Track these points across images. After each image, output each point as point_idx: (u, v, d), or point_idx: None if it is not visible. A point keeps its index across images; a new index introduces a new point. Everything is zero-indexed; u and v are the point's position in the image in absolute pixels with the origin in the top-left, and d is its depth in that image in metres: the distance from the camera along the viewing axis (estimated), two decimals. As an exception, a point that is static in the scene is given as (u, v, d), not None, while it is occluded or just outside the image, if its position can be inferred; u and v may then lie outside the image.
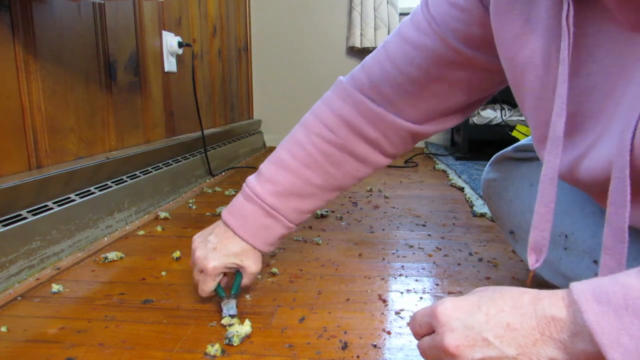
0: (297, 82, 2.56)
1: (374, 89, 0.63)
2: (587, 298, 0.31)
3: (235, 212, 0.67)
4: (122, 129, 1.20)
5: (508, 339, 0.34)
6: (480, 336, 0.34)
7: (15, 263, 0.76)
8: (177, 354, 0.55)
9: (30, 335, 0.60)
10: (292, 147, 0.67)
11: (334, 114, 0.65)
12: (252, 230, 0.66)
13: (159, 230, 1.05)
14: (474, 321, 0.35)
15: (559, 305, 0.33)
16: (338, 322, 0.62)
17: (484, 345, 0.34)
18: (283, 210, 0.66)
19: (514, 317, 0.34)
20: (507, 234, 0.73)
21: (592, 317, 0.30)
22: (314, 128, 0.66)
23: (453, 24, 0.55)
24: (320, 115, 0.67)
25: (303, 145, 0.66)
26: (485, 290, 0.38)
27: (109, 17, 1.13)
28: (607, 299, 0.30)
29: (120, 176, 1.12)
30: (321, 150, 0.66)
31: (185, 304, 0.68)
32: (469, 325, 0.35)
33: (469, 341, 0.35)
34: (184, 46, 1.52)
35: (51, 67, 0.94)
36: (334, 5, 2.46)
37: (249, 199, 0.67)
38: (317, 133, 0.66)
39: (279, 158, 0.67)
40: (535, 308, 0.34)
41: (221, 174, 1.75)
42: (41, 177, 0.84)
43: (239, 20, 2.32)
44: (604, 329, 0.30)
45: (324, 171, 0.67)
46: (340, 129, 0.65)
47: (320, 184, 0.67)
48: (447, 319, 0.36)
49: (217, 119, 1.99)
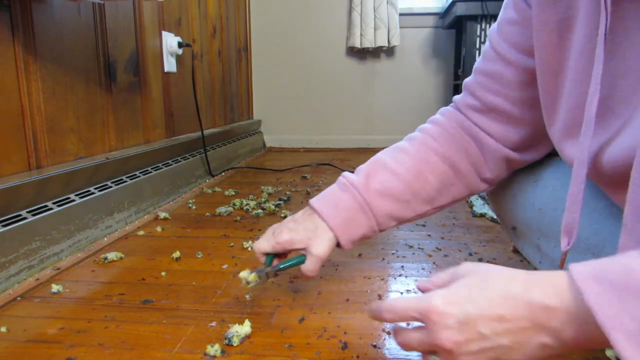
0: (297, 82, 2.56)
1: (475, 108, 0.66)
2: (587, 279, 0.31)
3: (326, 199, 0.65)
4: (121, 129, 1.20)
5: (501, 331, 0.35)
6: (475, 330, 0.35)
7: (15, 263, 0.76)
8: (177, 354, 0.55)
9: (30, 335, 0.60)
10: (394, 152, 0.68)
11: (439, 128, 0.67)
12: (340, 220, 0.63)
13: (159, 230, 1.05)
14: (468, 316, 0.36)
15: (550, 293, 0.34)
16: (338, 322, 0.62)
17: (479, 339, 0.35)
18: (376, 209, 0.64)
19: (506, 308, 0.35)
20: (509, 230, 0.73)
21: (593, 298, 0.30)
22: (418, 138, 0.68)
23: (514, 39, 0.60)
24: (425, 128, 0.69)
25: (406, 150, 0.67)
26: (473, 274, 0.39)
27: (108, 17, 1.13)
28: (608, 280, 0.30)
29: (120, 176, 1.12)
30: (424, 157, 0.66)
31: (185, 304, 0.68)
32: (463, 320, 0.36)
33: (465, 336, 0.36)
34: (184, 46, 1.52)
35: (51, 67, 0.94)
36: (333, 5, 2.46)
37: (344, 188, 0.65)
38: (422, 141, 0.67)
39: (380, 159, 0.67)
40: (526, 297, 0.34)
41: (221, 174, 1.75)
42: (41, 177, 0.84)
43: (238, 20, 2.32)
44: (605, 310, 0.30)
45: (423, 178, 0.65)
46: (446, 141, 0.66)
47: (417, 190, 0.65)
48: (440, 318, 0.36)
49: (217, 119, 1.99)
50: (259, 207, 1.23)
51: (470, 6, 1.92)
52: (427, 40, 2.45)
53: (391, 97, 2.53)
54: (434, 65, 2.48)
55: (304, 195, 1.39)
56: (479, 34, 1.96)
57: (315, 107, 2.57)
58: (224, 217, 1.16)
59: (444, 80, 2.48)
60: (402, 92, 2.52)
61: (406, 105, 2.53)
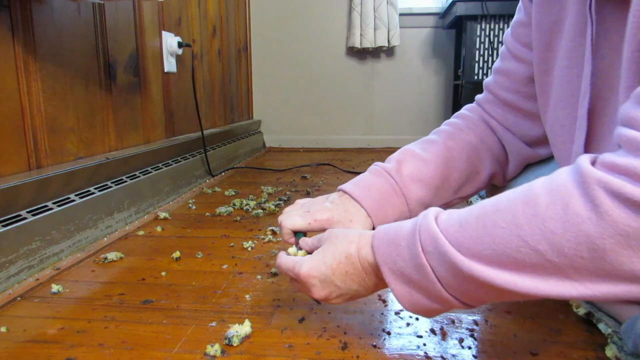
0: (296, 82, 2.56)
1: (494, 104, 0.71)
2: (378, 234, 0.49)
3: (359, 184, 0.66)
4: (121, 129, 1.20)
5: (349, 281, 0.51)
6: (333, 284, 0.51)
7: (15, 263, 0.76)
8: (177, 354, 0.55)
9: (30, 335, 0.60)
10: (423, 143, 0.70)
11: (464, 121, 0.71)
12: (374, 202, 0.64)
13: (159, 230, 1.05)
14: (325, 276, 0.51)
15: (369, 251, 0.49)
16: (338, 322, 0.62)
17: (337, 288, 0.51)
18: (408, 194, 0.65)
19: (348, 265, 0.50)
20: None
21: (375, 243, 0.48)
22: (445, 130, 0.71)
23: (525, 40, 0.65)
24: (451, 122, 0.73)
25: (434, 141, 0.69)
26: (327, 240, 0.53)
27: (108, 17, 1.13)
28: (387, 234, 0.48)
29: (120, 176, 1.12)
30: (452, 146, 0.68)
31: (185, 304, 0.68)
32: (323, 279, 0.51)
33: (327, 290, 0.51)
34: (184, 46, 1.52)
35: (51, 67, 0.94)
36: (333, 5, 2.46)
37: (377, 174, 0.66)
38: (448, 132, 0.70)
39: (409, 149, 0.69)
40: (359, 256, 0.50)
41: (221, 174, 1.75)
42: (41, 177, 0.84)
43: (238, 20, 2.32)
44: (378, 252, 0.47)
45: (451, 164, 0.68)
46: (470, 131, 0.70)
47: (446, 176, 0.67)
48: (307, 280, 0.52)
49: (216, 119, 1.99)
50: (259, 207, 1.23)
51: (470, 6, 1.92)
52: (427, 40, 2.45)
53: (391, 97, 2.53)
54: (434, 65, 2.48)
55: (304, 195, 1.39)
56: (479, 34, 1.96)
57: (315, 107, 2.57)
58: (224, 217, 1.16)
59: (444, 80, 2.48)
60: (402, 92, 2.52)
61: (406, 105, 2.52)
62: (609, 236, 0.34)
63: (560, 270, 0.37)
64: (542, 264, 0.37)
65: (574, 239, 0.35)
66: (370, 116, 2.56)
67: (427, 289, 0.44)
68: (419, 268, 0.44)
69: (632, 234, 0.34)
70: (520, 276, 0.38)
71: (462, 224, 0.42)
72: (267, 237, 0.98)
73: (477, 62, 1.98)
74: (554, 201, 0.37)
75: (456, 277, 0.42)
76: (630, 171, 0.34)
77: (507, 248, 0.38)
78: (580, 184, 0.36)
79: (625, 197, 0.34)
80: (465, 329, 0.60)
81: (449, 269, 0.42)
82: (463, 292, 0.43)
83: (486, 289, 0.41)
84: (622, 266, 0.35)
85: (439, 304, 0.45)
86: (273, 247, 0.93)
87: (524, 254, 0.38)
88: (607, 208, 0.34)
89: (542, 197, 0.38)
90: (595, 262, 0.35)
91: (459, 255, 0.41)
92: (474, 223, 0.41)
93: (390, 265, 0.46)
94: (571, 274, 0.36)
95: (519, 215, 0.38)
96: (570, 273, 0.36)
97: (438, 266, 0.43)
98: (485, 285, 0.40)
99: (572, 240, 0.36)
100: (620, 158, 0.35)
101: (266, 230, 1.03)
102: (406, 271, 0.45)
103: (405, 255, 0.45)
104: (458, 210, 0.44)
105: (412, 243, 0.45)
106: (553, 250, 0.36)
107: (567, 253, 0.36)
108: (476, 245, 0.40)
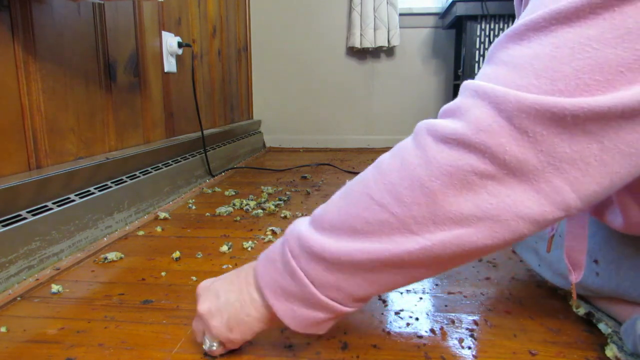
0: (296, 82, 2.56)
1: None
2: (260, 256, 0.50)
3: None
4: (121, 130, 1.20)
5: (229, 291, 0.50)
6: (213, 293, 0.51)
7: (15, 263, 0.76)
8: (177, 354, 0.55)
9: (30, 335, 0.60)
10: None
11: None
12: None
13: (159, 230, 1.05)
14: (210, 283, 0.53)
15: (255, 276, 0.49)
16: (338, 322, 0.62)
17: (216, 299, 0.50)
18: None
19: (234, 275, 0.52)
20: None
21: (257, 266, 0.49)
22: None
23: None
24: None
25: None
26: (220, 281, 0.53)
27: (108, 17, 1.13)
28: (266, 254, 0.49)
29: (120, 176, 1.12)
30: None
31: (185, 304, 0.68)
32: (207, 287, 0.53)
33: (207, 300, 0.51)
34: (184, 46, 1.52)
35: (51, 67, 0.94)
36: (333, 5, 2.46)
37: None
38: None
39: None
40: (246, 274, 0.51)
41: (221, 174, 1.75)
42: (41, 177, 0.84)
43: (238, 20, 2.32)
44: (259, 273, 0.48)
45: None
46: None
47: None
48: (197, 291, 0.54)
49: (216, 119, 1.99)
50: (259, 207, 1.23)
51: (470, 6, 1.92)
52: (427, 40, 2.46)
53: (391, 97, 2.53)
54: (434, 65, 2.48)
55: (304, 195, 1.39)
56: (479, 34, 1.96)
57: (315, 107, 2.58)
58: (224, 217, 1.16)
59: (444, 80, 2.48)
60: (402, 92, 2.52)
61: (406, 105, 2.53)
62: (435, 177, 0.36)
63: (403, 223, 0.38)
64: (388, 219, 0.39)
65: (409, 186, 0.38)
66: (370, 116, 2.56)
67: (304, 296, 0.44)
68: (292, 275, 0.44)
69: (454, 173, 0.35)
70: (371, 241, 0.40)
71: (326, 205, 0.45)
72: (267, 237, 0.98)
73: (477, 62, 1.98)
74: (395, 157, 0.40)
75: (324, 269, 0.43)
76: (453, 111, 0.36)
77: (357, 208, 0.41)
78: (414, 135, 0.39)
79: (445, 136, 0.36)
80: (465, 329, 0.60)
81: (311, 260, 0.43)
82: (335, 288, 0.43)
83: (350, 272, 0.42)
84: (450, 207, 0.36)
85: (320, 312, 0.45)
86: (273, 247, 0.93)
87: (371, 210, 0.40)
88: (432, 150, 0.36)
89: (386, 157, 0.41)
90: (429, 207, 0.37)
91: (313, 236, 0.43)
92: (337, 200, 0.44)
93: (271, 286, 0.46)
94: (412, 226, 0.38)
95: (369, 177, 0.41)
96: (411, 225, 0.38)
97: (306, 265, 0.43)
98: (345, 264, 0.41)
99: (408, 187, 0.38)
100: (450, 103, 0.37)
101: (266, 231, 1.03)
102: (283, 284, 0.45)
103: (280, 267, 0.45)
104: None
105: (283, 253, 0.45)
106: (395, 200, 0.38)
107: (405, 201, 0.38)
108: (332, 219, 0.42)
